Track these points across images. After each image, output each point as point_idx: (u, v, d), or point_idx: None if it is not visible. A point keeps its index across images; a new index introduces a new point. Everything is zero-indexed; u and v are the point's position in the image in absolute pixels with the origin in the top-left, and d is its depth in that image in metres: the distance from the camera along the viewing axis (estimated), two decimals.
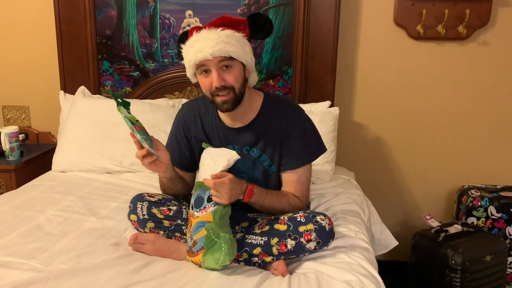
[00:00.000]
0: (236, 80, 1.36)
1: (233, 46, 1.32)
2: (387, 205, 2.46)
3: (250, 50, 1.39)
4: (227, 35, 1.32)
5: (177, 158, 1.56)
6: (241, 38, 1.35)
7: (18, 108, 2.55)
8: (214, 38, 1.31)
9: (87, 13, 2.28)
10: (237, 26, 1.36)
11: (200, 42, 1.32)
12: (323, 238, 1.30)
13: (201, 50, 1.31)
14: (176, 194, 1.54)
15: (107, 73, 2.36)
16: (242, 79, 1.39)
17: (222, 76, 1.34)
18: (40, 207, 1.68)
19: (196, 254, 1.29)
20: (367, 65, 2.35)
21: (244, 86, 1.40)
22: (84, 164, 2.08)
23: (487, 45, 2.27)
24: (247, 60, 1.37)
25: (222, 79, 1.34)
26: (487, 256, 1.93)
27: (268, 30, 1.42)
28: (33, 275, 1.21)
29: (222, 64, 1.33)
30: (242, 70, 1.38)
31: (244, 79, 1.40)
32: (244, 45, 1.36)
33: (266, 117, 1.46)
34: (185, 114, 1.55)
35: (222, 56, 1.32)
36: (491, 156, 2.40)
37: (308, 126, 1.49)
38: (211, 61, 1.33)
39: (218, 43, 1.30)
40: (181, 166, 1.56)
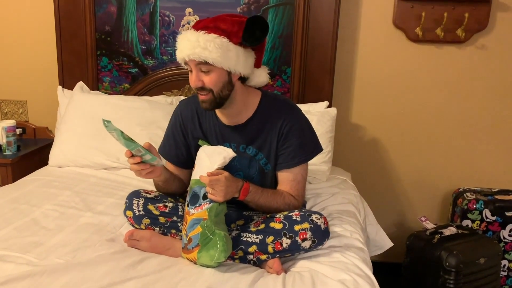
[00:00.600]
0: (214, 84, 1.34)
1: (210, 52, 1.28)
2: (383, 206, 2.47)
3: (238, 55, 1.33)
4: (207, 40, 1.29)
5: (173, 155, 1.56)
6: (224, 44, 1.30)
7: (15, 103, 2.54)
8: (192, 41, 1.30)
9: (87, 8, 2.28)
10: (231, 28, 1.32)
11: (182, 42, 1.34)
12: (318, 237, 1.31)
13: (181, 51, 1.34)
14: (172, 194, 1.54)
15: (106, 69, 2.36)
16: (223, 83, 1.35)
17: (200, 78, 1.34)
18: (37, 202, 1.68)
19: (191, 251, 1.30)
20: (365, 66, 2.36)
21: (227, 89, 1.37)
22: (81, 159, 2.07)
23: (485, 49, 2.29)
24: (229, 66, 1.32)
25: (199, 80, 1.34)
26: (481, 258, 1.94)
27: (258, 37, 1.33)
28: (29, 269, 1.21)
29: (201, 67, 1.33)
30: (224, 75, 1.35)
31: (228, 83, 1.37)
32: (228, 50, 1.31)
33: (263, 116, 1.46)
34: (183, 111, 1.55)
35: (197, 61, 1.31)
36: (487, 159, 2.41)
37: (305, 125, 1.49)
38: (191, 63, 1.34)
39: (195, 47, 1.29)
40: (178, 163, 1.56)
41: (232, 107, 1.43)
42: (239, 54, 1.34)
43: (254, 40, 1.33)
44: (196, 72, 1.34)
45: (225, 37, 1.30)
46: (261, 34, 1.33)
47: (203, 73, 1.34)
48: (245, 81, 1.44)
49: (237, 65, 1.34)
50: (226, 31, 1.31)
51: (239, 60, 1.34)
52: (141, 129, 2.09)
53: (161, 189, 1.53)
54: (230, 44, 1.31)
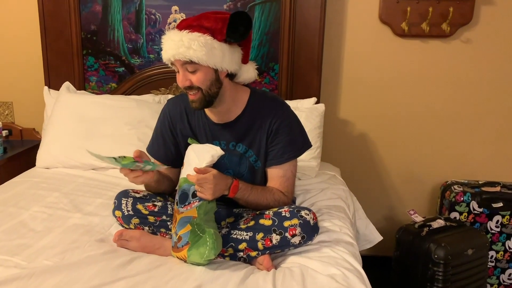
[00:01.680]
0: (202, 82, 1.34)
1: (195, 51, 1.28)
2: (372, 200, 2.49)
3: (223, 52, 1.33)
4: (190, 39, 1.28)
5: (162, 154, 1.55)
6: (209, 42, 1.29)
7: (1, 104, 2.51)
8: (176, 40, 1.29)
9: (72, 8, 2.25)
10: (215, 25, 1.31)
11: (166, 42, 1.34)
12: (307, 233, 1.31)
13: (166, 51, 1.34)
14: (161, 193, 1.54)
15: (92, 68, 2.34)
16: (211, 81, 1.35)
17: (187, 77, 1.34)
18: (24, 204, 1.67)
19: (181, 250, 1.30)
20: (352, 62, 2.37)
21: (215, 87, 1.37)
22: (69, 160, 2.06)
23: (470, 42, 2.31)
24: (215, 63, 1.32)
25: (186, 79, 1.34)
26: (469, 250, 1.97)
27: (241, 33, 1.32)
28: (17, 271, 1.21)
29: (187, 67, 1.33)
30: (211, 73, 1.34)
31: (216, 81, 1.37)
32: (212, 47, 1.30)
33: (252, 113, 1.46)
34: (171, 110, 1.54)
35: (182, 61, 1.31)
36: (474, 152, 2.44)
37: (294, 122, 1.50)
38: (176, 63, 1.34)
39: (179, 47, 1.28)
40: (166, 162, 1.55)
41: (222, 104, 1.43)
42: (225, 51, 1.33)
43: (238, 36, 1.33)
44: (183, 72, 1.34)
45: (209, 34, 1.30)
46: (245, 30, 1.33)
47: (190, 72, 1.33)
48: (233, 77, 1.44)
49: (223, 62, 1.34)
50: (210, 29, 1.31)
51: (225, 57, 1.34)
52: (129, 128, 2.08)
53: (151, 189, 1.52)
54: (214, 42, 1.31)
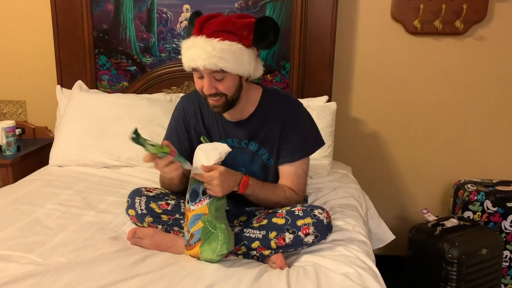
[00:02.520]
0: (228, 89, 1.34)
1: (226, 61, 1.27)
2: (384, 199, 2.47)
3: (250, 58, 1.33)
4: (223, 49, 1.26)
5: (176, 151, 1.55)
6: (239, 50, 1.29)
7: (14, 103, 2.54)
8: (208, 51, 1.26)
9: (84, 7, 2.27)
10: (241, 32, 1.30)
11: (195, 50, 1.29)
12: (321, 232, 1.31)
13: (194, 59, 1.29)
14: (175, 190, 1.53)
15: (104, 67, 2.35)
16: (236, 87, 1.36)
17: (214, 85, 1.33)
18: (38, 201, 1.68)
19: (193, 246, 1.30)
20: (364, 60, 2.35)
21: (239, 91, 1.37)
22: (81, 158, 2.07)
23: (484, 40, 2.28)
24: (243, 71, 1.33)
25: (213, 87, 1.33)
26: (483, 249, 1.95)
27: (271, 41, 1.32)
28: (33, 268, 1.22)
29: (215, 75, 1.31)
30: (237, 79, 1.34)
31: (240, 85, 1.37)
32: (242, 55, 1.30)
33: (265, 111, 1.46)
34: (185, 106, 1.54)
35: (212, 69, 1.29)
36: (487, 151, 2.41)
37: (307, 120, 1.49)
38: (204, 71, 1.31)
39: (211, 57, 1.26)
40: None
41: (233, 111, 1.44)
42: (251, 57, 1.34)
43: (267, 44, 1.33)
44: (210, 79, 1.32)
45: (238, 42, 1.29)
46: (274, 37, 1.32)
47: (216, 80, 1.32)
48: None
49: (250, 68, 1.35)
50: (237, 35, 1.29)
51: (251, 63, 1.34)
52: (141, 127, 2.03)
53: (171, 185, 1.50)
54: (243, 49, 1.30)
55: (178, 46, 2.30)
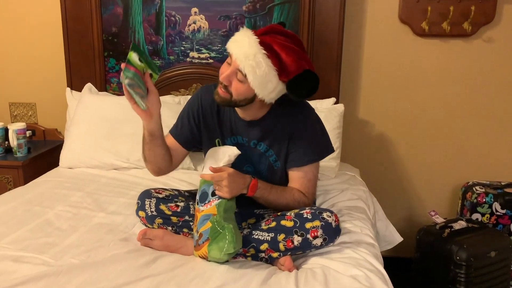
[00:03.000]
0: (237, 94, 1.35)
1: (254, 74, 1.28)
2: (392, 201, 2.47)
3: (275, 89, 1.33)
4: (261, 62, 1.27)
5: (183, 133, 1.56)
6: (271, 75, 1.30)
7: (25, 105, 2.57)
8: (252, 53, 1.28)
9: (93, 10, 2.29)
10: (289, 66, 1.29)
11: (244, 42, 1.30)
12: (329, 235, 1.31)
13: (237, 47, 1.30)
14: (152, 161, 1.48)
15: (113, 70, 2.38)
16: (245, 98, 1.36)
17: (231, 79, 1.34)
18: (49, 203, 1.71)
19: (202, 246, 1.31)
20: (372, 62, 2.35)
21: (245, 102, 1.37)
22: (91, 160, 2.09)
23: (492, 42, 2.27)
24: (262, 93, 1.33)
25: (228, 80, 1.34)
26: (491, 252, 1.94)
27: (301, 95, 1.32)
28: (45, 269, 1.24)
29: (237, 72, 1.32)
30: (251, 93, 1.34)
31: (250, 99, 1.37)
32: (269, 81, 1.30)
33: (277, 114, 1.47)
34: (204, 96, 1.54)
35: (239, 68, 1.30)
36: (495, 153, 2.40)
37: (317, 125, 1.50)
38: (233, 62, 1.32)
39: (248, 58, 1.28)
40: (181, 140, 1.55)
41: (246, 112, 1.46)
42: (277, 88, 1.34)
43: (297, 95, 1.33)
44: (232, 72, 1.33)
45: (277, 70, 1.29)
46: (306, 95, 1.33)
47: (236, 79, 1.34)
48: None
49: (268, 95, 1.35)
50: (282, 64, 1.30)
51: (273, 93, 1.34)
52: None
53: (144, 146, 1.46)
54: (275, 78, 1.31)
55: (187, 49, 2.32)
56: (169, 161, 1.52)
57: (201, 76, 2.33)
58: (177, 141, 1.56)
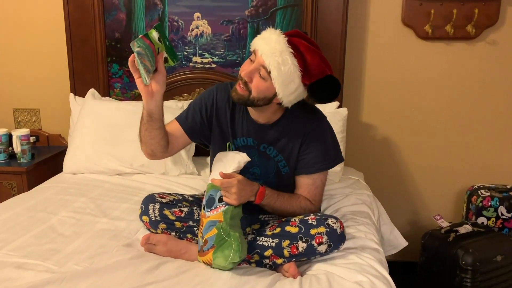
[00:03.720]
0: (258, 91, 1.34)
1: (279, 71, 1.28)
2: (397, 205, 2.46)
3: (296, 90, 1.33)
4: (287, 59, 1.28)
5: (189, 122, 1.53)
6: (295, 76, 1.30)
7: (28, 111, 2.57)
8: (279, 49, 1.28)
9: (97, 16, 2.30)
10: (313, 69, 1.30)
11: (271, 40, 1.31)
12: (334, 241, 1.30)
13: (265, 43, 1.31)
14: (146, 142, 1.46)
15: (117, 75, 2.38)
16: (265, 96, 1.35)
17: (252, 76, 1.34)
18: (53, 209, 1.71)
19: (206, 253, 1.31)
20: (375, 65, 2.35)
21: (263, 102, 1.37)
22: (94, 166, 2.10)
23: (496, 44, 2.27)
24: (282, 93, 1.32)
25: (249, 76, 1.34)
26: (497, 256, 1.93)
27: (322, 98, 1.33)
28: (48, 276, 1.23)
29: (261, 69, 1.32)
30: (272, 92, 1.34)
31: (268, 99, 1.36)
32: (291, 81, 1.30)
33: (289, 120, 1.47)
34: (219, 93, 1.53)
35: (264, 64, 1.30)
36: (500, 156, 2.39)
37: (329, 134, 1.50)
38: (258, 58, 1.32)
39: (275, 54, 1.28)
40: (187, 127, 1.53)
41: (260, 114, 1.45)
42: (297, 90, 1.34)
43: (317, 98, 1.33)
44: (255, 69, 1.33)
45: (301, 71, 1.30)
46: (327, 99, 1.33)
47: (258, 75, 1.33)
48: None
49: (288, 96, 1.34)
50: (306, 66, 1.31)
51: (292, 95, 1.34)
52: None
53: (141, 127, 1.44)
54: (298, 79, 1.31)
55: (190, 54, 2.32)
56: (164, 146, 1.48)
57: (204, 80, 2.33)
58: (183, 128, 1.53)
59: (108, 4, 2.29)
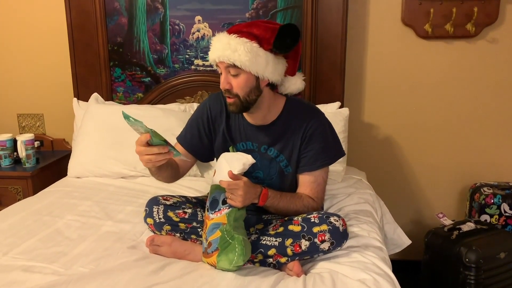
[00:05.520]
0: (240, 88, 1.37)
1: (239, 55, 1.31)
2: (399, 204, 2.46)
3: (267, 60, 1.35)
4: (237, 43, 1.32)
5: (194, 144, 1.57)
6: (254, 49, 1.32)
7: (33, 116, 2.60)
8: (224, 43, 1.33)
9: (99, 21, 2.32)
10: (264, 34, 1.34)
11: (215, 43, 1.37)
12: (337, 239, 1.31)
13: (212, 52, 1.37)
14: (160, 180, 1.54)
15: (119, 79, 2.40)
16: (250, 88, 1.38)
17: (228, 80, 1.37)
18: (58, 212, 1.72)
19: (211, 255, 1.32)
20: (376, 65, 2.36)
21: (254, 94, 1.39)
22: (99, 169, 2.11)
23: (496, 42, 2.27)
24: (257, 71, 1.34)
25: (227, 83, 1.37)
26: (501, 253, 1.93)
27: (288, 45, 1.35)
28: (55, 278, 1.25)
29: (229, 70, 1.36)
30: (252, 80, 1.37)
31: (256, 88, 1.39)
32: (257, 56, 1.33)
33: (287, 119, 1.48)
34: (212, 104, 1.56)
35: (227, 62, 1.34)
36: (502, 153, 2.39)
37: (328, 129, 1.51)
38: (220, 65, 1.37)
39: (225, 49, 1.32)
40: (192, 151, 1.58)
41: (258, 111, 1.46)
42: (269, 60, 1.36)
43: (284, 47, 1.35)
44: (225, 74, 1.37)
45: (256, 42, 1.33)
46: (292, 42, 1.35)
47: (232, 76, 1.37)
48: (274, 88, 1.46)
49: (266, 71, 1.36)
50: (258, 37, 1.34)
51: (268, 66, 1.36)
52: None
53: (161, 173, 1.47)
54: (260, 50, 1.34)
55: (191, 57, 2.34)
56: (176, 175, 1.56)
57: (206, 83, 2.35)
58: (186, 149, 1.58)
59: (110, 9, 2.31)
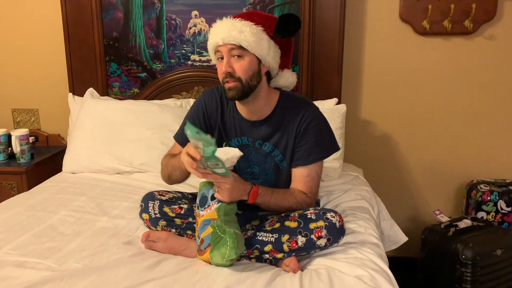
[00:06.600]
0: (244, 71, 1.36)
1: (246, 36, 1.33)
2: (396, 201, 2.46)
3: (269, 45, 1.38)
4: (243, 25, 1.34)
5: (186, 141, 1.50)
6: (259, 32, 1.36)
7: (27, 111, 2.58)
8: (229, 25, 1.35)
9: (94, 15, 2.30)
10: (265, 21, 1.38)
11: (218, 27, 1.38)
12: (333, 235, 1.31)
13: (216, 35, 1.37)
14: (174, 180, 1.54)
15: (115, 74, 2.38)
16: (253, 72, 1.38)
17: (231, 64, 1.37)
18: (53, 208, 1.71)
19: (204, 252, 1.31)
20: (373, 61, 2.35)
21: (255, 80, 1.39)
22: (94, 165, 2.10)
23: (494, 39, 2.27)
24: (261, 54, 1.37)
25: (230, 66, 1.37)
26: (497, 250, 1.93)
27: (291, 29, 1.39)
28: (48, 274, 1.23)
29: (233, 52, 1.36)
30: (255, 63, 1.38)
31: (257, 74, 1.39)
32: (261, 39, 1.36)
33: (281, 114, 1.47)
34: (207, 100, 1.55)
35: (232, 43, 1.34)
36: (499, 151, 2.39)
37: (322, 123, 1.50)
38: (223, 48, 1.36)
39: (231, 30, 1.34)
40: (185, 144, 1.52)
41: (255, 103, 1.45)
42: (271, 45, 1.39)
43: (287, 31, 1.38)
44: (228, 57, 1.37)
45: (260, 26, 1.36)
46: (295, 27, 1.39)
47: (235, 58, 1.36)
48: (269, 80, 1.47)
49: (268, 55, 1.39)
50: (260, 23, 1.37)
51: (270, 52, 1.39)
52: (152, 133, 2.11)
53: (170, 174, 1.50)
54: (263, 34, 1.37)
55: (188, 52, 2.32)
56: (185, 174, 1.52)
57: (203, 78, 2.33)
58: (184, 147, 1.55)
59: (106, 3, 2.29)
